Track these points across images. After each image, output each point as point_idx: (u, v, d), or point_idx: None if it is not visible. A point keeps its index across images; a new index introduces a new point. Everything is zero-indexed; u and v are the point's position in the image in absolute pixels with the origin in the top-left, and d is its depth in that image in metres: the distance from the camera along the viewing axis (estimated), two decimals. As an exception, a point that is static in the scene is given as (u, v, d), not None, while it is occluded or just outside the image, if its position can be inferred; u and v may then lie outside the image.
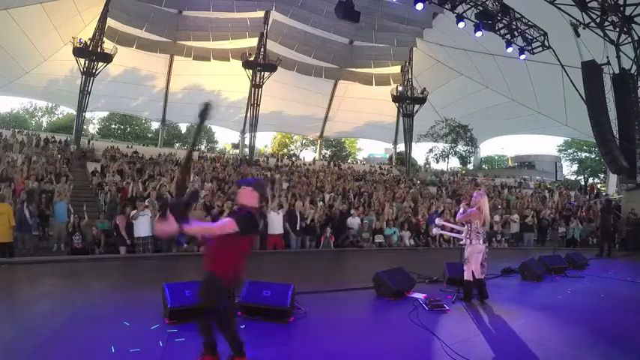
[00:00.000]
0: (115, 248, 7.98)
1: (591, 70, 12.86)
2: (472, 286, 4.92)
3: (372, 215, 11.35)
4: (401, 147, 33.13)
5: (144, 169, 15.34)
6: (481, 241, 4.91)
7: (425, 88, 27.14)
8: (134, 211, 7.90)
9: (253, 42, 26.35)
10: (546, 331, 4.00)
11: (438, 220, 5.38)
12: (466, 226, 5.00)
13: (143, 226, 7.79)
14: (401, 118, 30.17)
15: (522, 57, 15.18)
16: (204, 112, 2.28)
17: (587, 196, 22.95)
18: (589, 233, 14.09)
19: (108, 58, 22.05)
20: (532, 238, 12.94)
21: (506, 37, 14.39)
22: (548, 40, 14.62)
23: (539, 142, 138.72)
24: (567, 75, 14.45)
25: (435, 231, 5.56)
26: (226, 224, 2.44)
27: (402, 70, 29.09)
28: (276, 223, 8.78)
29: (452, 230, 5.09)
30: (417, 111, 27.71)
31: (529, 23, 14.50)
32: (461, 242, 5.23)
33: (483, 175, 33.33)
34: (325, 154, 43.41)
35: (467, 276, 4.92)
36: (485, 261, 5.00)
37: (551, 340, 3.73)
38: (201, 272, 2.69)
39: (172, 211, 2.21)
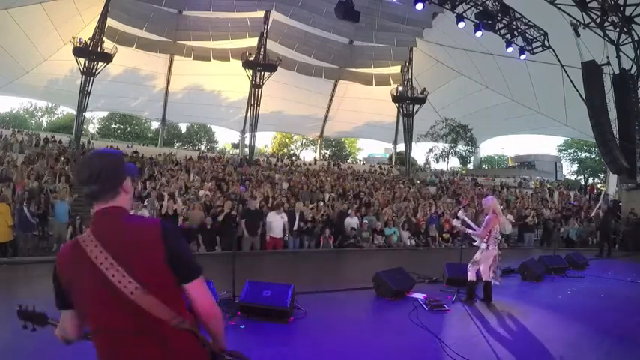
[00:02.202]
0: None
1: (591, 71, 12.86)
2: (475, 287, 4.92)
3: (371, 215, 11.35)
4: (401, 147, 33.12)
5: (143, 169, 15.34)
6: (495, 246, 4.93)
7: (425, 88, 27.13)
8: (131, 212, 7.88)
9: (253, 42, 26.33)
10: (546, 331, 4.00)
11: (460, 213, 5.40)
12: (486, 233, 4.96)
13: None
14: (401, 118, 30.16)
15: (522, 57, 15.16)
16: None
17: (587, 196, 22.96)
18: (589, 233, 14.09)
19: (108, 58, 22.03)
20: (532, 238, 12.94)
21: (506, 37, 14.39)
22: (548, 40, 14.61)
23: (539, 142, 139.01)
24: (567, 75, 14.44)
25: (454, 222, 5.62)
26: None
27: (402, 70, 29.08)
28: (274, 225, 8.74)
29: (469, 227, 5.16)
30: (417, 111, 27.69)
31: (529, 23, 14.49)
32: (474, 243, 5.23)
33: (483, 175, 33.31)
34: (325, 154, 43.41)
35: (471, 277, 4.92)
36: (495, 264, 5.02)
37: (551, 340, 3.72)
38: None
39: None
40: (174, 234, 1.23)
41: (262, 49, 25.46)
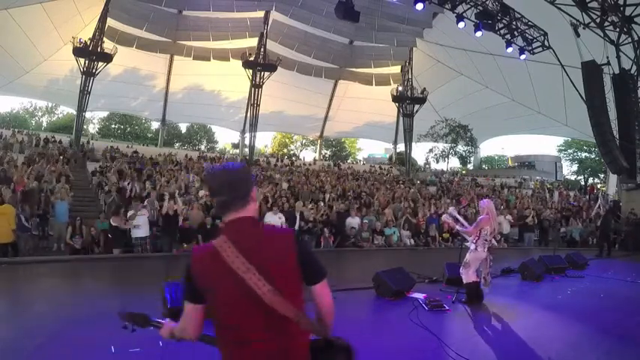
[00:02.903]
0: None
1: (591, 71, 12.86)
2: (474, 289, 4.91)
3: (371, 215, 11.35)
4: (401, 147, 33.10)
5: (144, 169, 15.34)
6: (485, 249, 4.90)
7: (425, 88, 27.12)
8: (131, 212, 7.89)
9: (253, 42, 26.31)
10: (546, 331, 4.00)
11: (452, 209, 5.40)
12: (475, 232, 4.97)
13: (141, 226, 7.79)
14: (401, 118, 30.13)
15: (522, 57, 15.17)
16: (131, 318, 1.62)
17: (587, 196, 22.97)
18: (589, 233, 14.09)
19: (108, 58, 22.00)
20: (532, 238, 12.95)
21: (506, 37, 14.39)
22: (548, 40, 14.61)
23: (539, 142, 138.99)
24: (567, 75, 14.45)
25: (444, 217, 5.62)
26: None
27: (402, 70, 29.06)
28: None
29: (460, 224, 5.14)
30: (417, 111, 27.68)
31: (529, 23, 14.49)
32: (466, 243, 5.23)
33: (483, 175, 33.30)
34: (325, 154, 43.40)
35: (467, 279, 4.90)
36: (487, 269, 5.01)
37: (551, 340, 3.72)
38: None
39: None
40: (304, 241, 1.42)
41: (262, 49, 25.45)
